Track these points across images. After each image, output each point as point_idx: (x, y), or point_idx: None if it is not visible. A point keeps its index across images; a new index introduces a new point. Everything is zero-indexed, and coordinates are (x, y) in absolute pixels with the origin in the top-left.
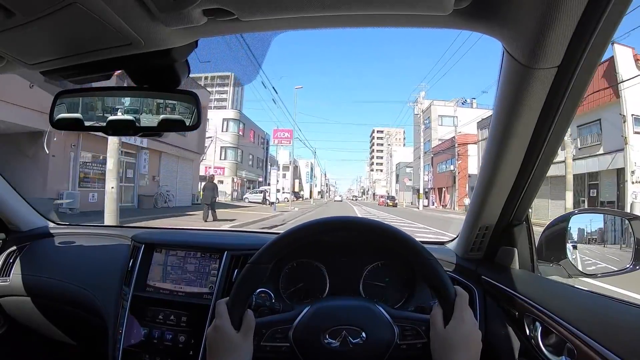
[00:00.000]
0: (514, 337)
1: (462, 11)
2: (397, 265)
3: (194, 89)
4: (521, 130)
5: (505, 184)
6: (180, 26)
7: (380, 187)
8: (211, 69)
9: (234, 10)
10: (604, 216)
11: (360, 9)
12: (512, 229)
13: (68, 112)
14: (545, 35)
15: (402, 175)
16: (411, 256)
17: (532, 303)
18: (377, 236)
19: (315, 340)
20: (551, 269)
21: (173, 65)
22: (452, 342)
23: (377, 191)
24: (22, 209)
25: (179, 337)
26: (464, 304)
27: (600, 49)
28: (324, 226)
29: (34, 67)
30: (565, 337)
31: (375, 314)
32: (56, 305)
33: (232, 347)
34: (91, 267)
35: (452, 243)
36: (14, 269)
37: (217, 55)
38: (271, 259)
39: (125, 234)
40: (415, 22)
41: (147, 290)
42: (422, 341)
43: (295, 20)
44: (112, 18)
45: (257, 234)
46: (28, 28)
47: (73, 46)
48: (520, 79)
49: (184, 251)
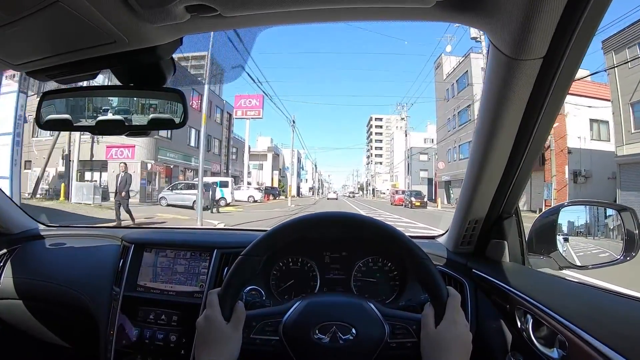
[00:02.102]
0: (506, 330)
1: (445, 3)
2: (387, 261)
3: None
4: (509, 122)
5: (493, 177)
6: (164, 23)
7: (382, 182)
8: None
9: (216, 7)
10: (594, 208)
11: (344, 2)
12: (502, 222)
13: (56, 112)
14: (529, 25)
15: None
16: (404, 255)
17: (523, 296)
18: (370, 233)
19: (305, 335)
20: (542, 261)
21: (158, 63)
22: (442, 343)
23: (379, 186)
24: (12, 211)
25: (170, 336)
26: (456, 305)
27: (586, 40)
28: (317, 221)
29: (19, 68)
30: (557, 329)
31: (367, 311)
32: (48, 307)
33: (221, 337)
34: (82, 269)
35: (443, 237)
36: (4, 271)
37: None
38: (264, 252)
39: (115, 234)
40: (398, 15)
41: (137, 290)
42: (412, 340)
43: (278, 16)
44: (95, 16)
45: (246, 231)
46: (12, 28)
47: (57, 45)
48: (506, 70)
49: (174, 250)
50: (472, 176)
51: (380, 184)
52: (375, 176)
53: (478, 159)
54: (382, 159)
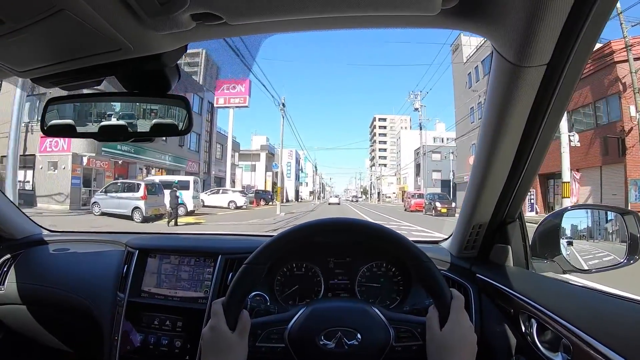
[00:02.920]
0: (510, 334)
1: (450, 11)
2: (391, 266)
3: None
4: (512, 128)
5: (497, 182)
6: (169, 31)
7: (387, 185)
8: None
9: (222, 15)
10: (597, 211)
11: (349, 10)
12: (506, 227)
13: (60, 118)
14: (533, 33)
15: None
16: (408, 259)
17: (527, 300)
18: (373, 238)
19: (310, 342)
20: (545, 265)
21: (163, 70)
22: (448, 344)
23: (384, 189)
24: (16, 216)
25: (174, 342)
26: (460, 307)
27: (589, 46)
28: (320, 228)
29: (24, 75)
30: (561, 333)
31: (371, 315)
32: (52, 312)
33: (227, 347)
34: (86, 274)
35: (447, 242)
36: (8, 277)
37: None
38: (267, 260)
39: (119, 239)
40: (403, 23)
41: (142, 296)
42: (418, 343)
43: (283, 24)
44: (101, 24)
45: (251, 237)
46: (17, 36)
47: (63, 53)
48: (510, 77)
49: (178, 256)
50: (476, 181)
51: (386, 187)
52: (381, 179)
53: (482, 164)
54: (387, 161)
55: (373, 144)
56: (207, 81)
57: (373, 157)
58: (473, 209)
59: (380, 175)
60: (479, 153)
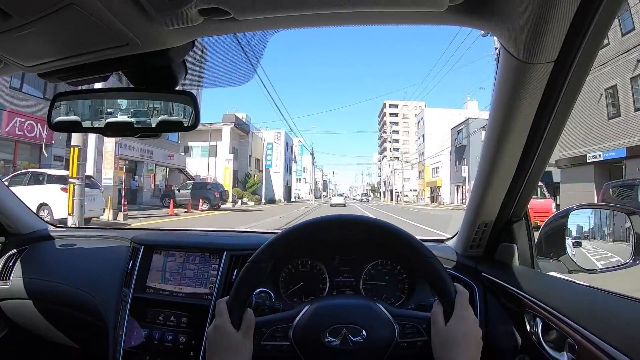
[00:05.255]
0: (515, 334)
1: (457, 7)
2: (396, 264)
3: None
4: (519, 125)
5: (503, 180)
6: (177, 26)
7: (402, 181)
8: (207, 68)
9: (230, 10)
10: (603, 211)
11: (357, 6)
12: (512, 226)
13: (66, 114)
14: (541, 29)
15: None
16: (411, 255)
17: (533, 299)
18: (377, 235)
19: (315, 339)
20: (551, 264)
21: (170, 65)
22: (453, 339)
23: (398, 186)
24: (22, 211)
25: (179, 338)
26: (465, 302)
27: (597, 43)
28: (323, 225)
29: (31, 70)
30: (566, 332)
31: (376, 312)
32: (57, 307)
33: (232, 346)
34: (91, 269)
35: (452, 240)
36: (14, 272)
37: (214, 54)
38: (271, 258)
39: (124, 235)
40: (411, 19)
41: (147, 291)
42: (423, 339)
43: (291, 19)
44: (108, 19)
45: (256, 233)
46: (25, 30)
47: (70, 48)
48: (517, 74)
49: (184, 252)
50: (482, 179)
51: (399, 184)
52: (394, 173)
53: (488, 162)
54: (398, 153)
55: (383, 134)
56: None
57: (384, 149)
58: (479, 207)
59: (400, 168)
60: (485, 151)
